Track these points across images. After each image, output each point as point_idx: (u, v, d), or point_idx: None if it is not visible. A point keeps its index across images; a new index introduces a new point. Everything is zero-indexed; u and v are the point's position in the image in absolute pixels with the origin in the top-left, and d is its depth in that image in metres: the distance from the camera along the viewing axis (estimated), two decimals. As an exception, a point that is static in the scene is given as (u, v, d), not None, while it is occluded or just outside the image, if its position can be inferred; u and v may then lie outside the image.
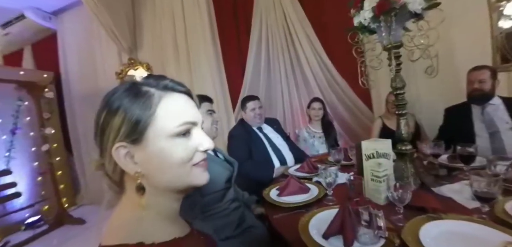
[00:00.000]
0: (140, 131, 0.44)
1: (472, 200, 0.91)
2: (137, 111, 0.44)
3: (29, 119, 3.25)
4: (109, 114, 0.45)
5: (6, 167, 2.95)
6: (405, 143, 1.18)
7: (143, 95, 0.45)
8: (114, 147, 0.44)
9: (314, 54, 2.63)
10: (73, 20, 3.72)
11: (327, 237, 0.79)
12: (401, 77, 1.18)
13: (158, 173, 0.46)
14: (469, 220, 0.77)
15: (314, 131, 2.32)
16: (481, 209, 0.81)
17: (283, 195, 1.18)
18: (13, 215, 2.91)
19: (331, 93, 2.66)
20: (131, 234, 0.41)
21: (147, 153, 0.45)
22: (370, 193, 1.06)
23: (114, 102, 0.45)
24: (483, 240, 0.68)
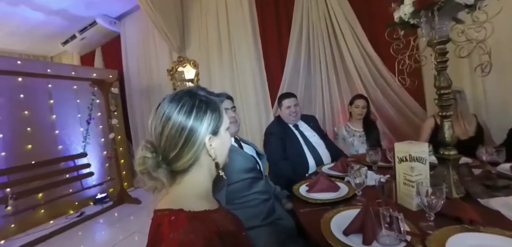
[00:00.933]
0: (218, 126, 0.68)
1: (523, 215, 0.83)
2: (216, 115, 0.67)
3: (100, 111, 3.92)
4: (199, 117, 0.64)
5: (83, 150, 3.65)
6: (449, 147, 1.11)
7: (214, 103, 0.68)
8: (207, 137, 0.65)
9: (359, 47, 2.54)
10: (132, 24, 4.32)
11: (347, 234, 0.84)
12: (446, 75, 1.11)
13: (223, 154, 0.71)
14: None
15: (354, 130, 2.26)
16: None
17: (312, 191, 1.23)
18: (87, 191, 3.58)
19: (376, 89, 2.53)
20: (175, 203, 0.59)
21: (220, 141, 0.68)
22: (402, 197, 1.05)
23: (200, 110, 0.64)
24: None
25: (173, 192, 0.64)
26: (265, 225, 1.10)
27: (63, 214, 3.29)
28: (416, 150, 1.01)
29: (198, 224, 0.53)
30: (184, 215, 0.55)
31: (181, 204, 0.58)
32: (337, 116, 2.74)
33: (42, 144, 3.22)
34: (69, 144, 3.56)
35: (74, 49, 5.13)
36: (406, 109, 2.47)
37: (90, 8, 3.85)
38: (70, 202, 3.40)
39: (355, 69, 2.58)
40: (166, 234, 0.51)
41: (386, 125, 2.54)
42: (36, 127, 3.18)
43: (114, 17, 4.31)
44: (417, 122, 2.39)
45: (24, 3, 3.47)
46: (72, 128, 3.61)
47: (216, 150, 0.67)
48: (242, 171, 1.17)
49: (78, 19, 4.12)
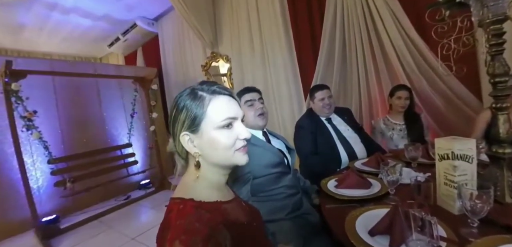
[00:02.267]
0: (197, 123, 0.65)
1: None
2: (194, 110, 0.65)
3: (142, 106, 4.32)
4: (177, 111, 0.67)
5: (128, 141, 4.08)
6: (504, 144, 0.98)
7: (198, 98, 0.65)
8: (181, 134, 0.66)
9: (400, 32, 2.31)
10: (169, 24, 4.59)
11: (373, 234, 0.80)
12: (502, 61, 0.97)
13: (210, 154, 0.66)
14: None
15: (394, 123, 2.11)
16: None
17: (341, 187, 1.20)
18: (132, 177, 4.03)
19: (421, 78, 2.30)
20: (187, 193, 0.62)
21: (203, 140, 0.65)
22: (442, 199, 0.96)
23: (180, 103, 0.66)
24: None
25: (184, 180, 0.68)
26: (289, 219, 1.11)
27: (112, 197, 3.77)
28: (461, 147, 0.91)
29: (204, 213, 0.56)
30: (191, 203, 0.58)
31: (192, 193, 0.61)
32: (376, 109, 2.57)
33: (94, 136, 3.73)
34: (116, 135, 4.03)
35: (119, 50, 5.69)
36: (457, 100, 2.20)
37: (130, 11, 4.21)
38: (118, 187, 3.85)
39: (396, 56, 2.36)
40: (173, 220, 0.55)
41: (433, 118, 2.30)
42: (88, 121, 3.69)
43: (152, 19, 4.64)
44: (471, 115, 2.12)
45: (74, 11, 3.95)
46: (118, 121, 4.07)
47: (201, 148, 0.65)
48: (269, 166, 1.19)
49: (120, 23, 4.56)
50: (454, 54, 1.16)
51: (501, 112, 1.00)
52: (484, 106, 2.03)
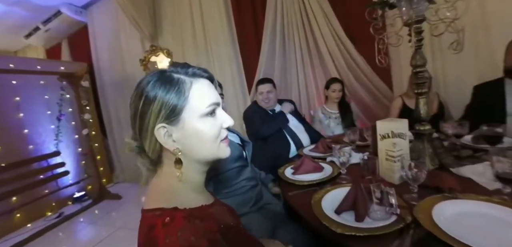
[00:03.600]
0: (177, 113, 0.51)
1: (494, 182, 0.86)
2: (173, 97, 0.50)
3: (71, 106, 3.53)
4: (147, 102, 0.51)
5: (56, 149, 3.28)
6: (423, 123, 1.13)
7: (176, 83, 0.51)
8: (156, 127, 0.50)
9: (331, 31, 2.51)
10: (100, 12, 3.87)
11: (339, 212, 0.80)
12: (421, 54, 1.11)
13: (195, 148, 0.53)
14: (487, 201, 0.73)
15: (330, 112, 2.27)
16: (503, 190, 0.77)
17: (298, 173, 1.19)
18: (64, 191, 3.25)
19: (348, 73, 2.55)
20: (167, 200, 0.48)
21: (184, 131, 0.52)
22: (384, 173, 1.04)
23: (150, 91, 0.51)
24: (501, 220, 0.65)
25: (158, 185, 0.53)
26: (254, 211, 1.04)
27: (41, 217, 2.99)
28: (398, 126, 1.00)
29: (198, 223, 0.44)
30: (180, 214, 0.45)
31: (175, 200, 0.48)
32: (312, 100, 2.73)
33: (11, 144, 2.86)
34: (41, 142, 3.19)
35: (39, 42, 4.53)
36: (376, 91, 2.52)
37: (53, -4, 3.38)
38: (47, 203, 3.08)
39: (329, 53, 2.56)
40: (161, 238, 0.41)
41: (359, 106, 2.59)
42: (2, 127, 2.80)
43: (80, 6, 3.83)
44: (386, 103, 2.46)
45: (-22, -7, 2.95)
46: (42, 126, 3.22)
47: (182, 141, 0.52)
48: (231, 160, 1.09)
49: (40, 9, 3.59)
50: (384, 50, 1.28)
51: (421, 96, 1.14)
52: (394, 96, 2.38)
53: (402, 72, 2.33)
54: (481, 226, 0.66)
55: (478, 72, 1.96)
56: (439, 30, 1.09)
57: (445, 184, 0.84)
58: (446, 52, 2.08)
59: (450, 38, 1.10)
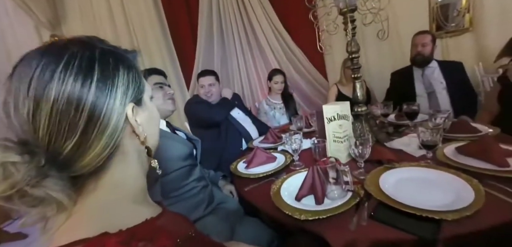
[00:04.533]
0: (141, 91, 0.45)
1: (418, 150, 1.05)
2: (136, 72, 0.44)
3: None
4: (105, 80, 0.38)
5: None
6: (361, 104, 1.29)
7: (122, 56, 0.43)
8: (129, 108, 0.41)
9: (270, 24, 2.62)
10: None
11: (299, 199, 0.83)
12: (356, 41, 1.26)
13: (153, 133, 0.48)
14: (418, 166, 0.90)
15: (275, 103, 2.36)
16: (427, 155, 0.94)
17: (251, 166, 1.19)
18: None
19: (288, 64, 2.72)
20: (100, 224, 0.35)
21: (147, 113, 0.46)
22: (333, 153, 1.13)
23: (105, 68, 0.39)
24: (431, 180, 0.80)
25: (84, 208, 0.38)
26: (209, 214, 0.98)
27: None
28: (342, 108, 1.10)
29: (145, 245, 0.33)
30: (114, 240, 0.32)
31: (104, 222, 0.35)
32: (256, 92, 2.80)
33: None
34: None
35: None
36: (313, 81, 2.78)
37: None
38: None
39: (268, 45, 2.67)
40: None
41: (299, 96, 2.79)
42: None
43: None
44: (323, 92, 2.73)
45: None
46: None
47: (144, 126, 0.44)
48: (180, 159, 0.99)
49: None
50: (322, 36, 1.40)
51: (357, 80, 1.29)
52: (329, 85, 2.66)
53: (335, 61, 2.63)
54: (415, 187, 0.79)
55: (394, 60, 2.39)
56: (368, 20, 1.25)
57: (384, 156, 0.98)
58: (368, 42, 2.45)
59: (370, 29, 1.29)
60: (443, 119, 1.12)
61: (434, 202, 0.68)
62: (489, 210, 0.61)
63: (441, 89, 1.80)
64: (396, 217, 0.65)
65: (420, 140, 0.93)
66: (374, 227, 0.65)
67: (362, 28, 1.51)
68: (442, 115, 1.13)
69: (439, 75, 1.83)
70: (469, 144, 0.95)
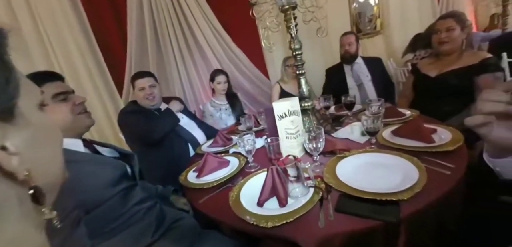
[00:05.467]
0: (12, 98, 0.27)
1: (361, 136, 1.13)
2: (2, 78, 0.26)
3: None
4: None
5: None
6: (307, 99, 1.32)
7: None
8: None
9: (208, 25, 2.50)
10: None
11: (261, 204, 0.76)
12: (298, 38, 1.27)
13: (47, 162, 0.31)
14: (365, 151, 0.95)
15: (220, 104, 2.26)
16: (370, 141, 1.01)
17: (203, 175, 1.07)
18: None
19: (229, 64, 2.65)
20: None
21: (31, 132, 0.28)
22: (287, 150, 1.12)
23: None
24: (380, 164, 0.85)
25: None
26: (160, 238, 0.81)
27: None
28: (292, 104, 1.09)
29: None
30: None
31: None
32: (198, 95, 2.63)
33: None
34: None
35: None
36: (256, 80, 2.78)
37: None
38: None
39: (209, 46, 2.55)
40: None
41: (243, 96, 2.75)
42: None
43: None
44: (266, 90, 2.77)
45: None
46: None
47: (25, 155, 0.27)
48: (111, 184, 0.78)
49: None
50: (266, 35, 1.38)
51: (302, 76, 1.32)
52: (271, 83, 2.72)
53: (274, 60, 2.70)
54: (369, 172, 0.83)
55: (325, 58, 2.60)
56: (307, 18, 1.29)
57: (336, 147, 1.01)
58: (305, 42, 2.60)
59: (304, 27, 1.33)
60: (378, 107, 1.23)
61: (388, 184, 0.71)
62: (433, 183, 0.67)
63: (368, 81, 2.03)
64: (359, 205, 0.66)
65: (365, 127, 0.99)
66: (342, 219, 0.63)
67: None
68: (376, 104, 1.24)
69: (364, 70, 2.06)
70: (401, 126, 1.06)
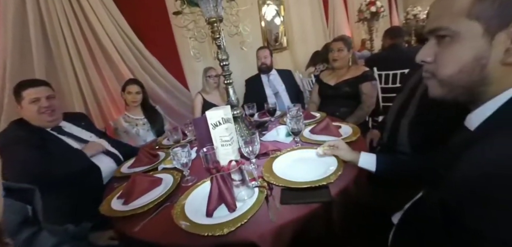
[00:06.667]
0: None
1: (287, 137, 1.27)
2: None
3: None
4: None
5: None
6: (235, 107, 1.37)
7: None
8: None
9: (118, 29, 2.20)
10: None
11: (211, 214, 0.74)
12: (224, 49, 1.32)
13: None
14: (293, 149, 1.08)
15: (136, 118, 2.01)
16: (295, 140, 1.16)
17: (133, 199, 0.93)
18: None
19: (144, 74, 2.40)
20: None
21: None
22: (222, 157, 1.13)
23: None
24: (307, 158, 0.99)
25: None
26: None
27: None
28: (225, 112, 1.11)
29: None
30: None
31: None
32: (107, 109, 2.25)
33: None
34: None
35: None
36: (175, 91, 2.63)
37: None
38: None
39: (118, 54, 2.23)
40: None
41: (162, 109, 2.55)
42: None
43: None
44: (187, 102, 2.67)
45: None
46: None
47: None
48: (9, 233, 0.56)
49: None
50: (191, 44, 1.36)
51: (230, 86, 1.36)
52: (192, 94, 2.64)
53: (195, 71, 2.64)
54: (300, 166, 0.95)
55: (242, 69, 2.76)
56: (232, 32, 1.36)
57: (268, 149, 1.10)
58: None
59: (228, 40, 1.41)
60: (296, 111, 1.42)
61: (317, 172, 0.84)
62: (348, 165, 0.85)
63: (282, 91, 2.30)
64: (299, 194, 0.75)
65: (290, 128, 1.13)
66: (288, 210, 0.70)
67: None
68: (294, 108, 1.43)
69: (279, 80, 2.32)
70: (316, 126, 1.27)
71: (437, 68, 0.50)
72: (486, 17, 0.42)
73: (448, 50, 0.47)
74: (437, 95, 0.52)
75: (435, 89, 0.51)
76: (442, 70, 0.49)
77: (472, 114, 0.49)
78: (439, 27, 0.47)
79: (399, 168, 0.82)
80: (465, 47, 0.45)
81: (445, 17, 0.46)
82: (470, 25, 0.43)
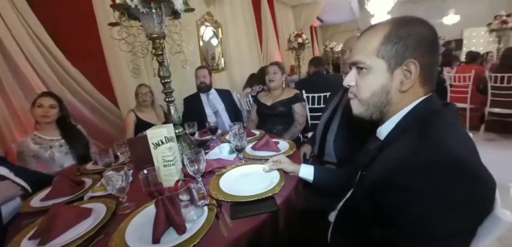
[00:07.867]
0: None
1: (230, 154, 1.30)
2: None
3: None
4: None
5: None
6: (177, 126, 1.33)
7: None
8: None
9: (31, 36, 1.83)
10: None
11: (158, 240, 0.69)
12: (166, 67, 1.28)
13: None
14: (238, 166, 1.11)
15: (49, 140, 1.66)
16: (239, 157, 1.20)
17: (54, 236, 0.77)
18: None
19: (62, 88, 2.04)
20: None
21: None
22: (164, 179, 1.06)
23: None
24: (252, 173, 1.04)
25: None
26: None
27: None
28: (168, 131, 1.07)
29: None
30: None
31: None
32: (10, 130, 1.78)
33: None
34: None
35: None
36: (101, 108, 2.32)
37: None
38: None
39: (30, 64, 1.84)
40: None
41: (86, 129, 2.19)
42: None
43: None
44: (116, 121, 2.38)
45: None
46: None
47: None
48: None
49: None
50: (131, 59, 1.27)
51: (171, 104, 1.32)
52: (122, 113, 2.39)
53: (126, 87, 2.41)
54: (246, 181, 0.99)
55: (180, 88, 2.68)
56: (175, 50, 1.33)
57: (214, 167, 1.11)
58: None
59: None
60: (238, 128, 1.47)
61: (262, 185, 0.90)
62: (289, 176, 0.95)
63: (222, 109, 2.33)
64: (248, 207, 0.78)
65: (234, 145, 1.17)
66: (239, 223, 0.72)
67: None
68: (236, 126, 1.48)
69: (218, 99, 2.36)
70: (256, 142, 1.35)
71: (358, 91, 0.64)
72: (388, 57, 0.58)
73: (364, 79, 0.62)
74: (358, 113, 0.66)
75: (357, 107, 0.66)
76: (361, 93, 0.63)
77: (381, 127, 0.64)
78: (358, 61, 0.62)
79: (332, 175, 0.98)
80: (375, 78, 0.60)
81: (362, 54, 0.61)
82: (378, 62, 0.59)
